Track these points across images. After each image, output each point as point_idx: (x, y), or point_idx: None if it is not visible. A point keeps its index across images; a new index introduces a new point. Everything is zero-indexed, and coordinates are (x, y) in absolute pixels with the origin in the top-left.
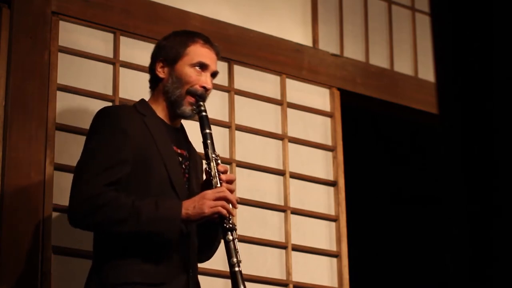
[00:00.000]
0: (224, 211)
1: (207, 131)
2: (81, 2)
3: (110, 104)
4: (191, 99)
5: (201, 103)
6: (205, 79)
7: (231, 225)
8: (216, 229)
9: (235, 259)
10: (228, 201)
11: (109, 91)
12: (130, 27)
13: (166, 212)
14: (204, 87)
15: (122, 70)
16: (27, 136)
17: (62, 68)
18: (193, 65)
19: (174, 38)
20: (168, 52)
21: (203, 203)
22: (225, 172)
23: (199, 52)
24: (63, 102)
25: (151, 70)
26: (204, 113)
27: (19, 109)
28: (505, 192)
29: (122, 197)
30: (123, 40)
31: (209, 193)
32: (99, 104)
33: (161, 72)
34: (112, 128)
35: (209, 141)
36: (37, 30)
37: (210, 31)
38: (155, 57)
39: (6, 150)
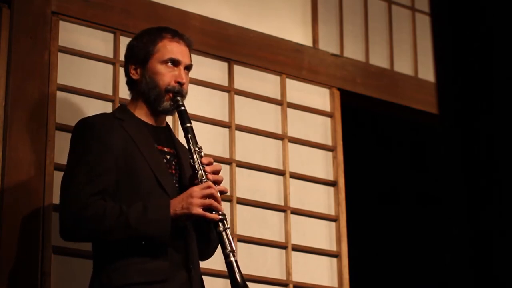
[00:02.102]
0: (212, 216)
1: (187, 125)
2: (81, 2)
3: (110, 104)
4: (170, 96)
5: (178, 98)
6: (179, 73)
7: (220, 216)
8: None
9: (228, 249)
10: (215, 198)
11: (109, 91)
12: (130, 27)
13: (155, 215)
14: (179, 82)
15: (122, 70)
16: (27, 136)
17: (62, 68)
18: (164, 62)
19: (142, 38)
20: (138, 53)
21: (190, 203)
22: (209, 164)
23: (168, 48)
24: (63, 102)
25: (126, 73)
26: (182, 108)
27: (19, 109)
28: (505, 192)
29: (109, 206)
30: (123, 40)
31: (196, 191)
32: (99, 104)
33: (135, 74)
34: (92, 139)
35: (190, 135)
36: (37, 30)
37: (210, 31)
38: (127, 60)
39: (6, 150)
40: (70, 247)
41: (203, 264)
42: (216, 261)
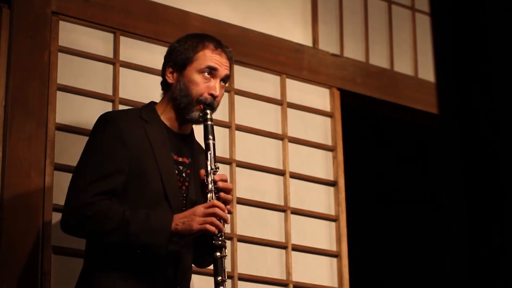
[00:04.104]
0: (212, 229)
1: (210, 141)
2: (81, 2)
3: (110, 104)
4: (200, 107)
5: (208, 111)
6: (213, 85)
7: (220, 242)
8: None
9: (220, 278)
10: (219, 217)
11: (109, 91)
12: (130, 27)
13: (156, 224)
14: (212, 94)
15: (122, 70)
16: (27, 136)
17: (62, 68)
18: (202, 71)
19: (185, 42)
20: (177, 57)
21: (192, 219)
22: (222, 180)
23: (208, 57)
24: (63, 102)
25: (162, 73)
26: (209, 122)
27: (19, 109)
28: (505, 192)
29: (113, 207)
30: (123, 40)
31: (200, 209)
32: (99, 104)
33: (170, 77)
34: (110, 136)
35: (210, 152)
36: (37, 30)
37: (210, 31)
38: (165, 61)
39: (6, 150)
40: (70, 247)
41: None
42: None
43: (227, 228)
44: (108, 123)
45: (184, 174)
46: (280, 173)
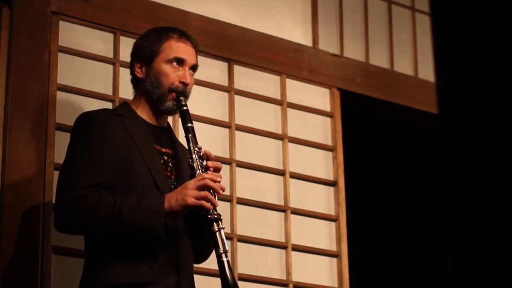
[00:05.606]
0: (208, 205)
1: (188, 125)
2: (81, 2)
3: (110, 104)
4: (173, 96)
5: (181, 98)
6: (183, 73)
7: (215, 216)
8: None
9: (221, 249)
10: (210, 188)
11: (109, 91)
12: (130, 27)
13: (148, 206)
14: (183, 83)
15: (122, 70)
16: (27, 136)
17: (62, 68)
18: (170, 61)
19: (148, 36)
20: (143, 52)
21: (185, 194)
22: (209, 158)
23: (174, 47)
24: (63, 102)
25: (131, 70)
26: (184, 108)
27: (19, 109)
28: (505, 192)
29: (103, 198)
30: (123, 40)
31: (191, 183)
32: (99, 104)
33: (140, 72)
34: (92, 133)
35: (190, 135)
36: (37, 30)
37: (210, 31)
38: (132, 58)
39: (6, 150)
40: (70, 247)
41: (201, 264)
42: (215, 261)
43: (227, 229)
44: (88, 122)
45: (170, 164)
46: (280, 173)
